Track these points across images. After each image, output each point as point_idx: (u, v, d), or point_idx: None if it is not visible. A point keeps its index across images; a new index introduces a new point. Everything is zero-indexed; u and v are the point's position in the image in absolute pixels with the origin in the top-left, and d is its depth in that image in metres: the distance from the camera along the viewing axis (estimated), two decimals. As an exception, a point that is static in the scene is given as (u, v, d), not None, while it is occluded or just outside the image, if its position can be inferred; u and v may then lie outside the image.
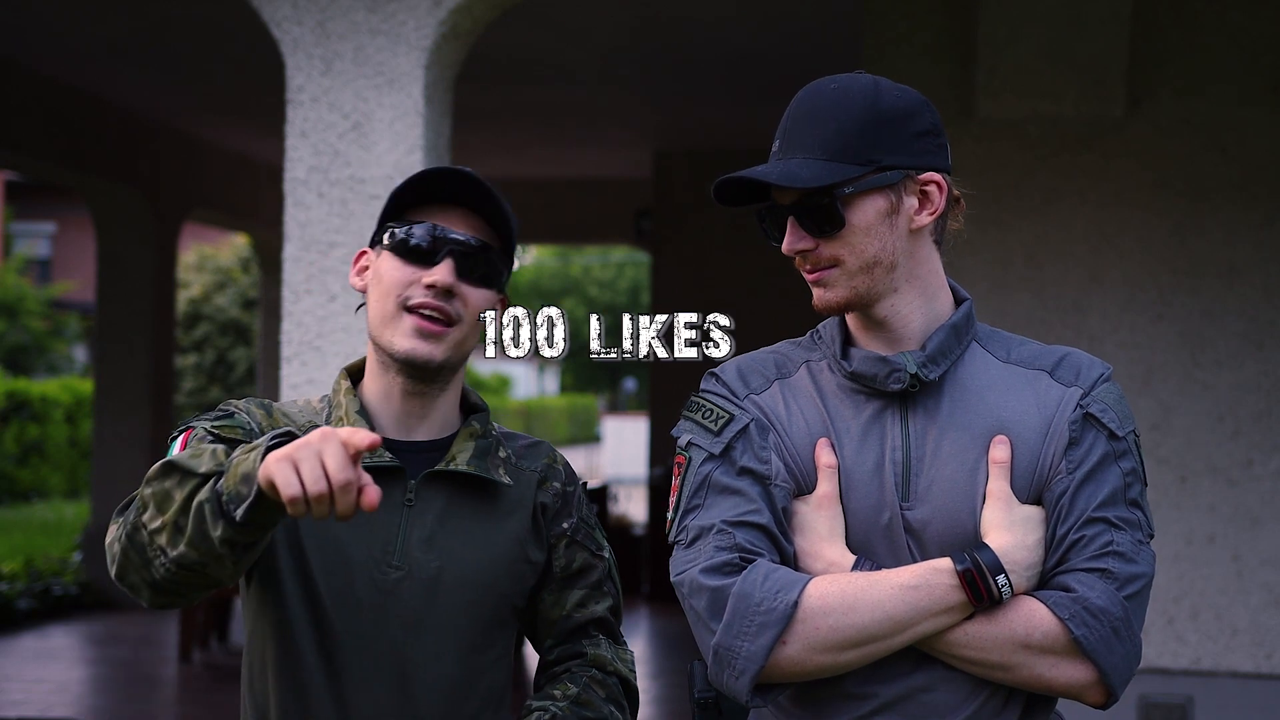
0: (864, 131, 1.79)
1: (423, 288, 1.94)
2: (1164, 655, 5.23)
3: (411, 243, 1.96)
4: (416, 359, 1.94)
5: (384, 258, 1.98)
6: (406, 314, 1.94)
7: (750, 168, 1.81)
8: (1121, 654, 1.73)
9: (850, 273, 1.81)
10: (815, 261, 1.82)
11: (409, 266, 1.95)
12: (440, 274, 1.93)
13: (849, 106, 1.80)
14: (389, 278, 1.96)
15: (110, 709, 7.28)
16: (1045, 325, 5.28)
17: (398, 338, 1.95)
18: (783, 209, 1.82)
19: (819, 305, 1.84)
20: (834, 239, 1.80)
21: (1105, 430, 1.80)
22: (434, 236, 1.96)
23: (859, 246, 1.80)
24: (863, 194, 1.79)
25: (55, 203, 25.03)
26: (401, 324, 1.94)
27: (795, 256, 1.83)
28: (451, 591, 1.96)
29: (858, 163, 1.78)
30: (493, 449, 2.03)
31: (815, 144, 1.79)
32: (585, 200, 12.32)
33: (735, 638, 1.73)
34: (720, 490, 1.81)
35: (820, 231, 1.80)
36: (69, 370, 23.06)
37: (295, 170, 4.55)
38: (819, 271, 1.82)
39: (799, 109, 1.83)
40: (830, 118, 1.79)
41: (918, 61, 5.37)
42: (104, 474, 10.11)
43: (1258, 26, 5.28)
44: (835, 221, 1.79)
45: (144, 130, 9.88)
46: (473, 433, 2.02)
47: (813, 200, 1.79)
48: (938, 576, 1.73)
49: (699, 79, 8.33)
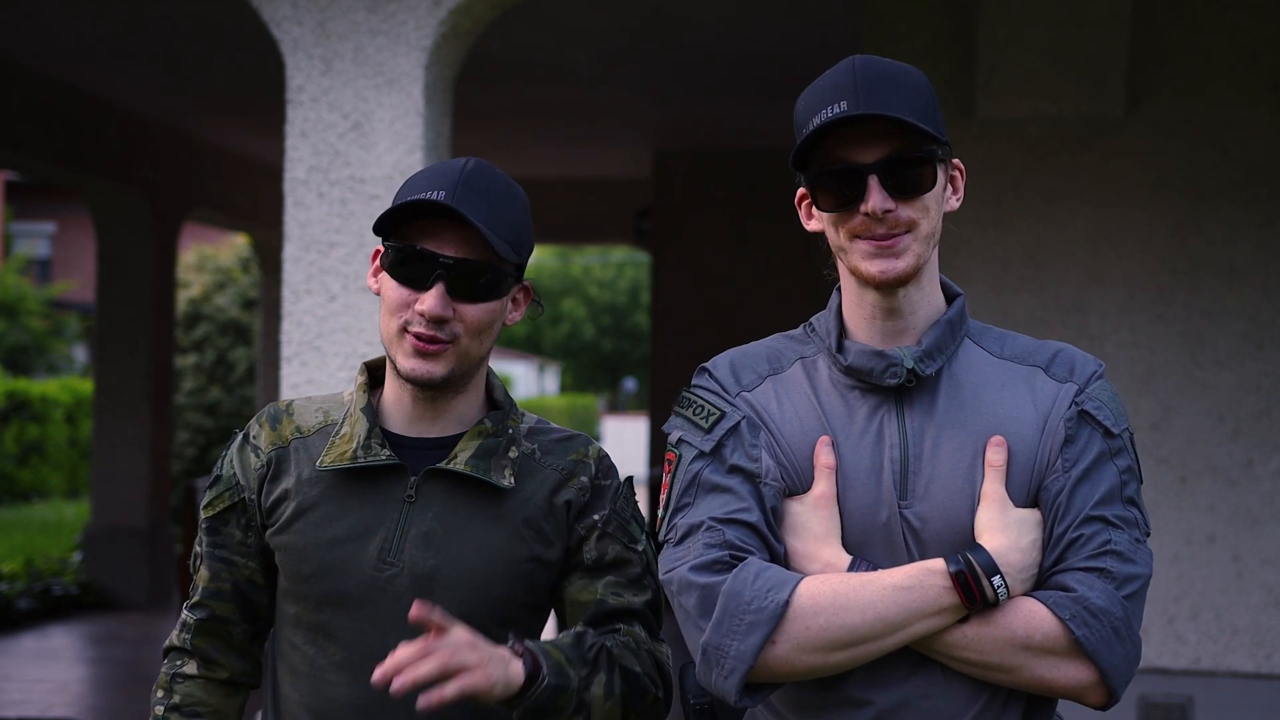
0: (931, 103, 1.78)
1: (415, 313, 1.94)
2: (1164, 655, 5.22)
3: (403, 266, 1.95)
4: (417, 378, 1.95)
5: (384, 275, 1.99)
6: (407, 334, 1.95)
7: (825, 120, 1.73)
8: (1122, 654, 1.72)
9: (921, 239, 1.78)
10: (894, 225, 1.76)
11: (404, 289, 1.95)
12: (429, 304, 1.92)
13: (916, 80, 1.79)
14: (389, 298, 1.97)
15: (110, 709, 7.28)
16: (1045, 325, 5.28)
17: (400, 357, 1.96)
18: (864, 167, 1.75)
19: (881, 276, 1.77)
20: (915, 201, 1.76)
21: (1101, 428, 1.80)
22: (421, 260, 1.93)
23: (931, 214, 1.78)
24: (940, 161, 1.79)
25: (55, 203, 25.03)
26: (403, 344, 1.96)
27: (859, 222, 1.76)
28: (446, 590, 1.96)
29: (937, 130, 1.77)
30: (501, 448, 2.01)
31: (900, 103, 1.74)
32: (585, 200, 12.31)
33: (725, 636, 1.71)
34: (710, 488, 1.79)
35: (907, 191, 1.75)
36: (69, 370, 23.06)
37: (295, 170, 4.55)
38: (895, 237, 1.76)
39: (868, 70, 1.76)
40: (905, 83, 1.77)
41: (918, 61, 5.36)
42: (104, 474, 10.11)
43: (1258, 26, 5.28)
44: (927, 181, 1.76)
45: (144, 130, 9.88)
46: (481, 431, 2.01)
47: (906, 158, 1.75)
48: (930, 578, 1.71)
49: (699, 79, 8.32)
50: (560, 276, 43.78)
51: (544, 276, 44.09)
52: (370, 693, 1.91)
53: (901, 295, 1.81)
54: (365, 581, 1.95)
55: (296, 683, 2.00)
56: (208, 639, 2.09)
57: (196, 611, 2.10)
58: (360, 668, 1.93)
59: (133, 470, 10.04)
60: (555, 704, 1.85)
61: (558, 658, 1.87)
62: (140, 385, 10.03)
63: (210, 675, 2.10)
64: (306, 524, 1.98)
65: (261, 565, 2.07)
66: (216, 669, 2.10)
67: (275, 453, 2.04)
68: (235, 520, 2.06)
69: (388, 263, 1.96)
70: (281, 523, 2.01)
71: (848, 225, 1.78)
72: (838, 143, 1.77)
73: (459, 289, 1.94)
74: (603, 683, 1.90)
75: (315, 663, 1.98)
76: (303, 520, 1.99)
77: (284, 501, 2.01)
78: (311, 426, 2.05)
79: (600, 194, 12.22)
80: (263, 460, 2.05)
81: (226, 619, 2.09)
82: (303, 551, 1.98)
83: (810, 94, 1.80)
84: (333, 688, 1.97)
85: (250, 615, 2.10)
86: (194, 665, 2.09)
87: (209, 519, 2.08)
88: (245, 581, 2.08)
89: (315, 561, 1.97)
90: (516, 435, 2.04)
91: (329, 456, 2.00)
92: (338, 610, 1.97)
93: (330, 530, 1.97)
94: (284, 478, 2.02)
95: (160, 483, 10.21)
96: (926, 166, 1.76)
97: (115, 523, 10.10)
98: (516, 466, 2.01)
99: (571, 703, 1.87)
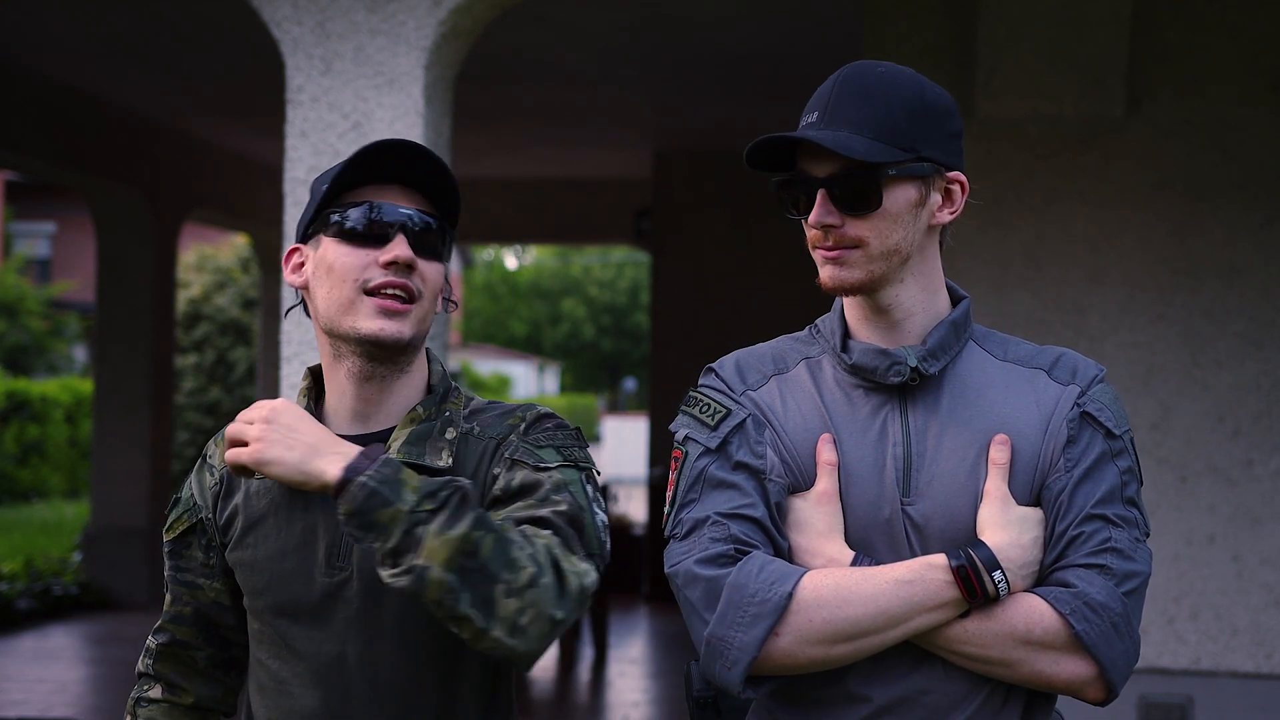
0: (911, 119, 1.79)
1: (381, 267, 1.89)
2: (1164, 655, 5.23)
3: (360, 226, 1.90)
4: (385, 339, 1.89)
5: (328, 246, 1.92)
6: (366, 297, 1.89)
7: (799, 130, 1.79)
8: (1121, 650, 1.74)
9: (871, 256, 1.80)
10: (839, 239, 1.80)
11: (361, 249, 1.89)
12: (399, 249, 1.88)
13: (899, 92, 1.80)
14: (341, 264, 1.90)
15: (110, 709, 7.28)
16: (1045, 325, 5.28)
17: (361, 321, 1.89)
18: (815, 181, 1.80)
19: (829, 283, 1.82)
20: (864, 219, 1.79)
21: (1103, 429, 1.82)
22: (382, 217, 1.90)
23: (885, 231, 1.80)
24: (901, 179, 1.80)
25: (55, 203, 25.05)
26: (363, 306, 1.89)
27: (813, 231, 1.81)
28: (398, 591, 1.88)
29: (902, 148, 1.78)
30: (436, 431, 1.94)
31: (863, 120, 1.78)
32: (585, 200, 12.32)
33: (728, 628, 1.73)
34: (716, 484, 1.81)
35: (853, 209, 1.79)
36: (69, 370, 23.06)
37: (295, 170, 4.55)
38: (840, 250, 1.80)
39: (847, 84, 1.81)
40: (880, 99, 1.79)
41: (918, 61, 5.36)
42: (104, 474, 10.11)
43: (1258, 26, 5.28)
44: (872, 201, 1.78)
45: (144, 130, 9.88)
46: (414, 418, 1.95)
47: (853, 176, 1.78)
48: (932, 572, 1.73)
49: (699, 79, 8.33)
50: (560, 276, 43.80)
51: (544, 276, 44.11)
52: (334, 703, 1.91)
53: (885, 303, 1.84)
54: (317, 589, 1.92)
55: (264, 698, 1.98)
56: (169, 664, 2.08)
57: (158, 636, 2.08)
58: (322, 677, 1.92)
59: (133, 470, 10.05)
60: (376, 519, 1.73)
61: (404, 479, 1.76)
62: (140, 385, 10.03)
63: (175, 700, 2.08)
64: (256, 537, 1.96)
65: (227, 586, 2.04)
66: (182, 694, 2.08)
67: (226, 470, 2.02)
68: (196, 542, 2.04)
69: (339, 229, 1.91)
70: (235, 539, 1.99)
71: (808, 233, 1.84)
72: (802, 153, 1.82)
73: (417, 245, 1.91)
74: (443, 520, 1.74)
75: (279, 676, 1.96)
76: (253, 534, 1.97)
77: (235, 518, 2.00)
78: None
79: (600, 194, 12.23)
80: (216, 478, 2.03)
81: (188, 643, 2.07)
82: (254, 565, 1.96)
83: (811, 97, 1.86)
84: (296, 700, 1.94)
85: (215, 640, 2.07)
86: (159, 689, 2.08)
87: (170, 542, 2.06)
88: (210, 605, 2.06)
89: (267, 574, 1.95)
90: (455, 417, 1.97)
91: None
92: (294, 621, 1.94)
93: (279, 542, 1.95)
94: (235, 494, 2.00)
95: (160, 483, 10.22)
96: (874, 186, 1.78)
97: (115, 523, 10.11)
98: (454, 447, 1.94)
99: (399, 525, 1.73)
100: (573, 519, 1.84)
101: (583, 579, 1.80)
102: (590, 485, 1.90)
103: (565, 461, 1.90)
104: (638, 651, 8.97)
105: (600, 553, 1.85)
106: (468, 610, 1.73)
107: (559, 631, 1.78)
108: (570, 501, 1.85)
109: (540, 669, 8.20)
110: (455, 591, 1.72)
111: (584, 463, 1.91)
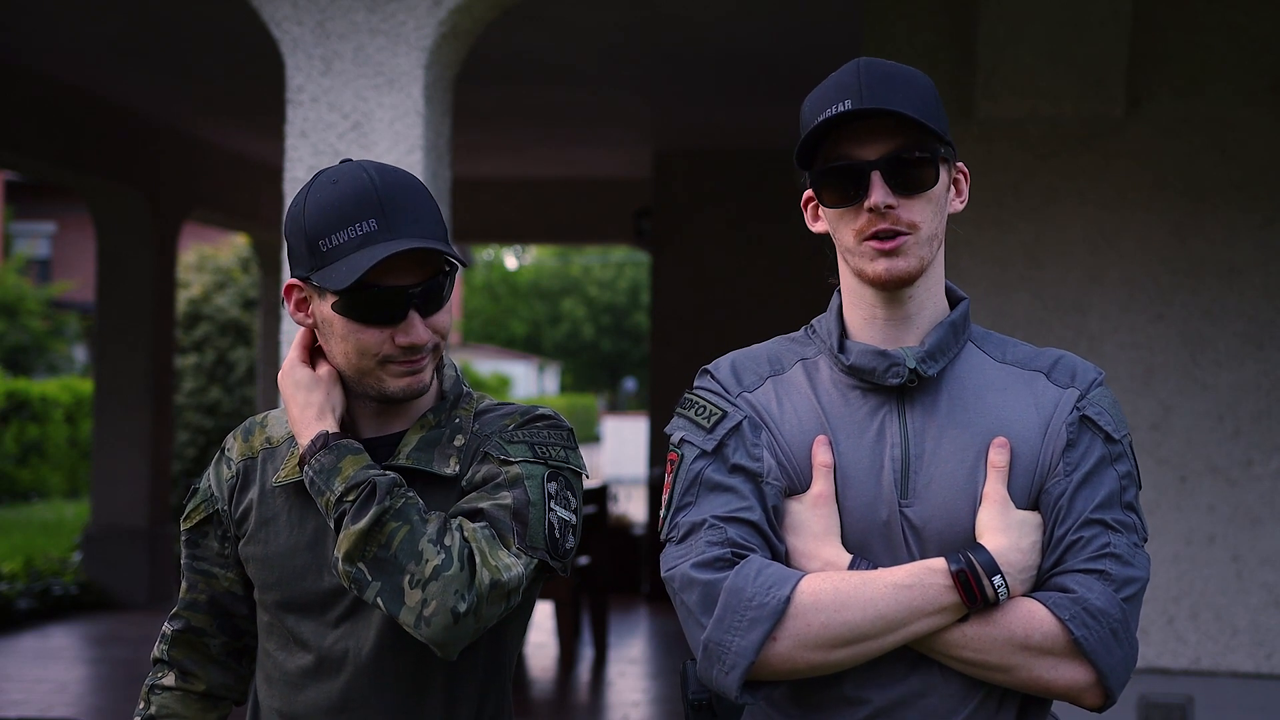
0: (937, 106, 1.80)
1: (397, 346, 1.89)
2: (1164, 655, 5.22)
3: (370, 310, 1.88)
4: (410, 394, 1.93)
5: (336, 318, 1.90)
6: (389, 364, 1.91)
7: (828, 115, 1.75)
8: (1120, 656, 1.73)
9: (921, 241, 1.79)
10: (895, 222, 1.77)
11: (372, 329, 1.89)
12: (415, 335, 1.89)
13: (920, 81, 1.80)
14: (355, 342, 1.90)
15: (110, 709, 7.28)
16: (1045, 325, 5.28)
17: (386, 383, 1.92)
18: (866, 164, 1.77)
19: (884, 276, 1.78)
20: (916, 200, 1.77)
21: (1102, 433, 1.81)
22: (391, 298, 1.87)
23: (932, 214, 1.79)
24: (943, 161, 1.80)
25: (55, 203, 25.05)
26: (386, 371, 1.91)
27: (863, 220, 1.77)
28: None
29: (941, 130, 1.78)
30: (445, 438, 1.97)
31: (905, 101, 1.75)
32: (585, 200, 12.32)
33: (726, 632, 1.72)
34: (712, 487, 1.80)
35: (909, 189, 1.77)
36: (69, 370, 23.07)
37: (295, 170, 4.55)
38: (898, 238, 1.77)
39: (872, 70, 1.78)
40: (909, 85, 1.78)
41: (918, 62, 5.36)
42: (104, 474, 10.11)
43: (1258, 26, 5.28)
44: (929, 179, 1.77)
45: (144, 130, 9.88)
46: (424, 424, 1.98)
47: (909, 154, 1.76)
48: (931, 576, 1.72)
49: (699, 79, 8.33)
50: (560, 276, 43.78)
51: (544, 276, 44.10)
52: (340, 696, 1.94)
53: (907, 295, 1.82)
54: (327, 585, 1.96)
55: (271, 690, 2.02)
56: (184, 651, 2.12)
57: (174, 623, 2.13)
58: (329, 671, 1.96)
59: (133, 470, 10.04)
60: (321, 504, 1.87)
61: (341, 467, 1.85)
62: (140, 385, 10.03)
63: (188, 688, 2.11)
64: (269, 533, 2.00)
65: (240, 576, 2.09)
66: (194, 681, 2.12)
67: (244, 464, 2.06)
68: (212, 532, 2.09)
69: (349, 309, 1.88)
70: (248, 534, 2.03)
71: (853, 226, 1.79)
72: (842, 140, 1.78)
73: (427, 309, 1.91)
74: (352, 513, 1.83)
75: (285, 668, 2.00)
76: (266, 530, 2.01)
77: (250, 512, 2.03)
78: (280, 437, 2.06)
79: (600, 194, 12.22)
80: (233, 471, 2.07)
81: (203, 630, 2.11)
82: (266, 561, 2.00)
83: (816, 94, 1.82)
84: (304, 692, 1.98)
85: (228, 628, 2.11)
86: (172, 677, 2.12)
87: (188, 531, 2.11)
88: (224, 593, 2.10)
89: (278, 570, 1.99)
90: (464, 424, 1.99)
91: (283, 472, 2.01)
92: (303, 616, 1.98)
93: (291, 539, 1.99)
94: (250, 488, 2.04)
95: (160, 483, 10.22)
96: (929, 164, 1.77)
97: (115, 523, 10.11)
98: (462, 453, 1.97)
99: (330, 514, 1.86)
100: (516, 513, 1.87)
101: (501, 573, 1.82)
102: (554, 482, 1.92)
103: (534, 458, 1.93)
104: (638, 651, 8.96)
105: (548, 548, 1.88)
106: (376, 599, 1.81)
107: (470, 624, 1.80)
108: (518, 496, 1.88)
109: (540, 669, 8.20)
110: (362, 583, 1.82)
111: (557, 461, 1.94)
